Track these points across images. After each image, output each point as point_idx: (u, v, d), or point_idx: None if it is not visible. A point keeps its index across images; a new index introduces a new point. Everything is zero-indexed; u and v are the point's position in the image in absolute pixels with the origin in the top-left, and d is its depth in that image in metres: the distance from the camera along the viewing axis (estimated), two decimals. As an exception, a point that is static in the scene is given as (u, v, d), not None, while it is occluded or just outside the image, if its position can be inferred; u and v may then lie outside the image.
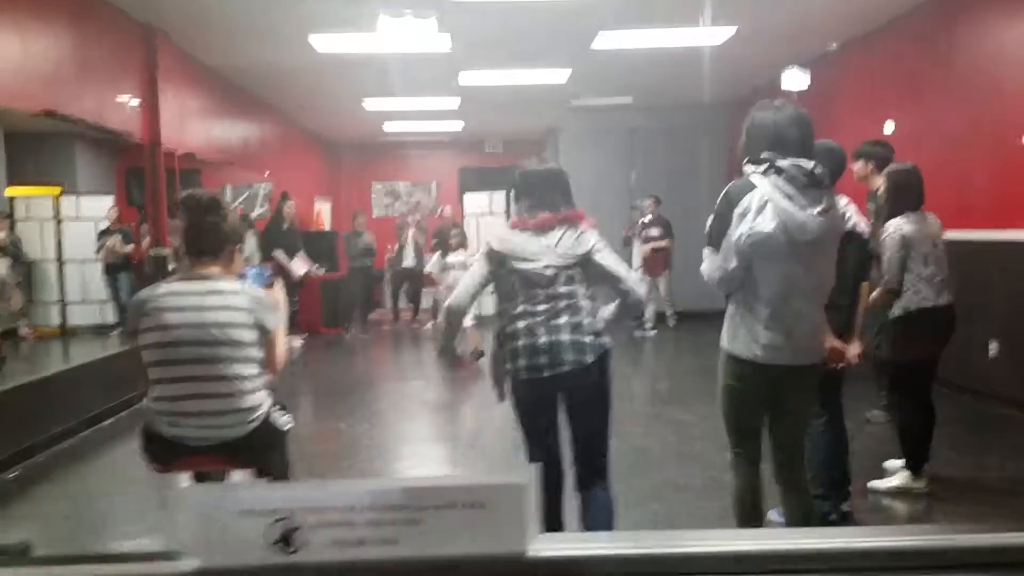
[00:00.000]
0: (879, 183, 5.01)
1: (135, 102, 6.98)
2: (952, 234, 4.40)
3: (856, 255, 3.60)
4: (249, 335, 2.81)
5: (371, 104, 11.18)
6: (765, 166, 2.69)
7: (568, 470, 2.85)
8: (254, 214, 11.14)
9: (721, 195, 2.78)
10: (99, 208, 9.42)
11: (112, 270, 9.20)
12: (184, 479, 3.07)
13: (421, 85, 10.03)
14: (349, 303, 11.34)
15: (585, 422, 2.71)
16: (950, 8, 6.58)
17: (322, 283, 10.69)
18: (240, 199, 11.11)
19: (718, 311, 2.90)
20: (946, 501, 4.13)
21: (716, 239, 2.75)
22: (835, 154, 3.63)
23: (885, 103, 7.64)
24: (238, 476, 3.08)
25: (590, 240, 2.71)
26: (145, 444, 2.88)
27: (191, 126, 8.32)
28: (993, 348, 5.88)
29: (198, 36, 7.64)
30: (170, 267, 6.69)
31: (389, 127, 13.20)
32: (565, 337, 2.61)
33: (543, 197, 2.76)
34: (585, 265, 2.68)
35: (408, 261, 11.80)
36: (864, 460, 4.27)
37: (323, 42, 7.57)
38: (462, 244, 8.57)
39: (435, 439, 5.86)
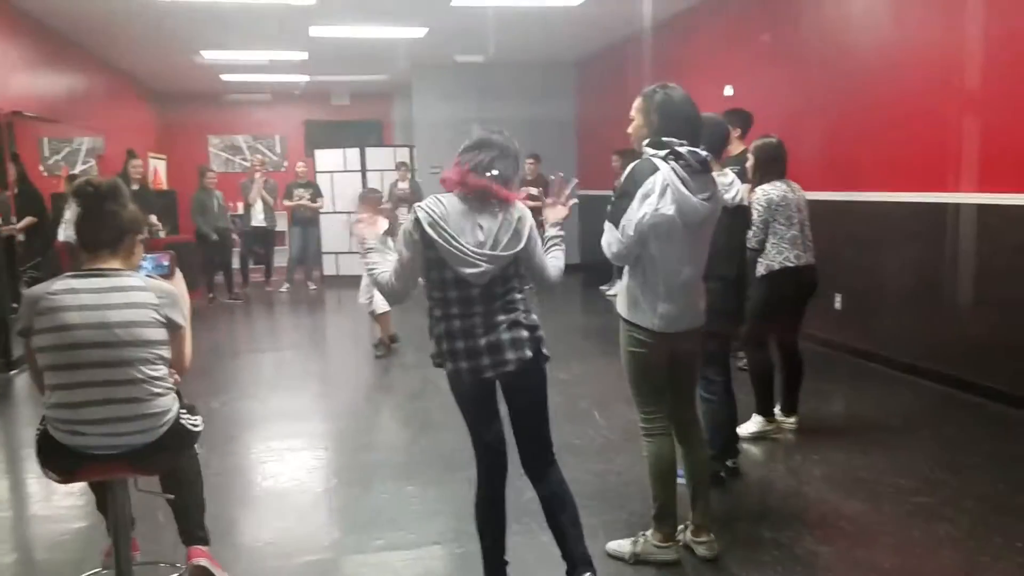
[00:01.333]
0: (740, 148, 5.37)
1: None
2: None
3: (744, 226, 3.93)
4: (157, 334, 2.60)
5: (209, 55, 10.47)
6: (666, 151, 2.85)
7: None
8: (78, 171, 10.16)
9: (625, 175, 2.94)
10: None
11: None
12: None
13: (267, 38, 9.52)
14: (224, 266, 10.68)
15: (531, 413, 2.72)
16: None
17: (166, 247, 9.89)
18: (60, 155, 10.07)
19: (569, 265, 3.00)
20: (806, 443, 4.54)
21: (617, 216, 2.90)
22: (720, 128, 3.82)
23: (731, 67, 8.01)
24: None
25: (525, 232, 2.62)
26: (42, 454, 2.62)
27: (9, 78, 7.47)
28: (838, 301, 6.44)
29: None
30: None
31: (228, 78, 12.41)
32: (505, 336, 2.57)
33: (499, 159, 2.61)
34: (519, 257, 2.64)
35: (258, 220, 11.25)
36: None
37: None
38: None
39: (318, 415, 5.68)
